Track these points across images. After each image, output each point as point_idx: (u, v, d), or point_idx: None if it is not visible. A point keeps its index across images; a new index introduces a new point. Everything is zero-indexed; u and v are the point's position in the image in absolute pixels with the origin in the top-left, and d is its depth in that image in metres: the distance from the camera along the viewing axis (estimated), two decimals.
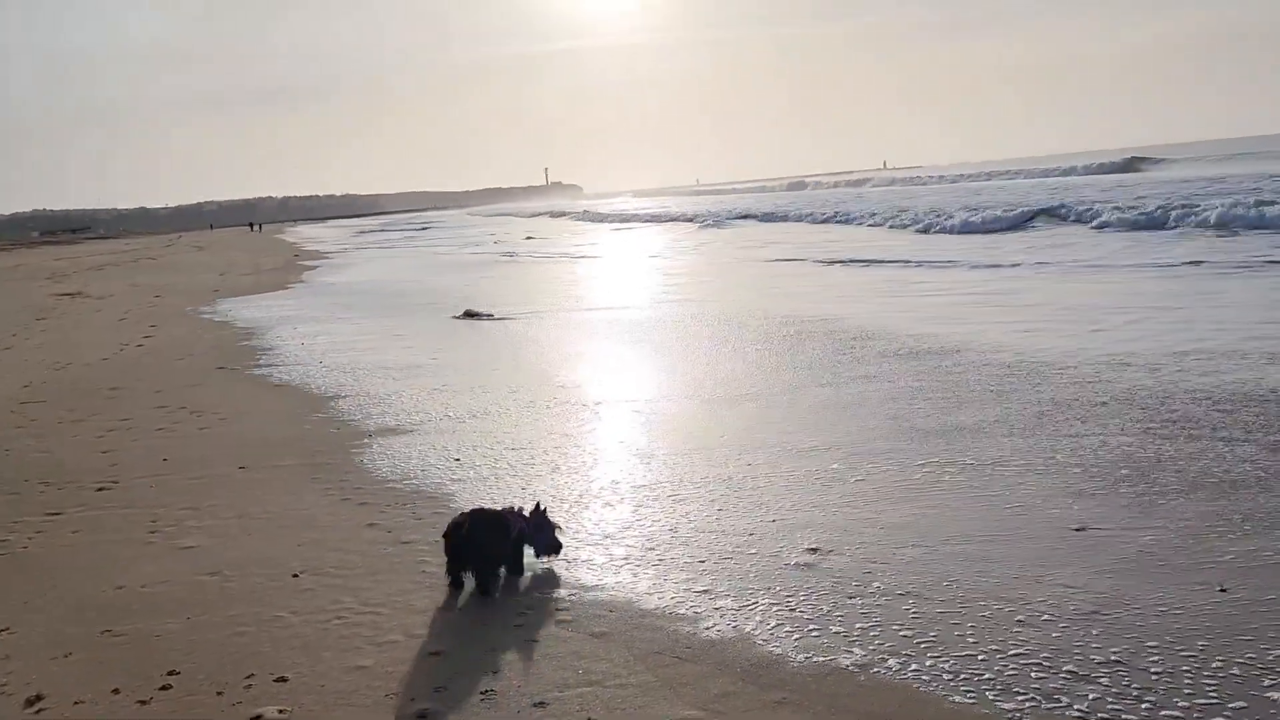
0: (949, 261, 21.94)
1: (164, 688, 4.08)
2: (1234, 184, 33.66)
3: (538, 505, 5.36)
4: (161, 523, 6.37)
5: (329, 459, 7.88)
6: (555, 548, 5.33)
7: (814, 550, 5.34)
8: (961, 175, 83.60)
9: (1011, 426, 7.64)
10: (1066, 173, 68.59)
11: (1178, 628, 4.24)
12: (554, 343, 14.28)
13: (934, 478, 6.51)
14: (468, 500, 6.53)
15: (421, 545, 5.74)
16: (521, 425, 8.70)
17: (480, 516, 5.13)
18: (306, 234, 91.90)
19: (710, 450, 7.52)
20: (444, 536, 5.08)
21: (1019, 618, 4.42)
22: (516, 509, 5.31)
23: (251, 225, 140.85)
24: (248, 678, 4.14)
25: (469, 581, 5.03)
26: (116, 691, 4.06)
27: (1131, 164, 67.53)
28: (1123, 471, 6.37)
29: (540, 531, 5.29)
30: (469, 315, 17.85)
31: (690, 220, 53.74)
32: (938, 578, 4.89)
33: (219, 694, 4.01)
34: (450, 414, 9.32)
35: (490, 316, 17.67)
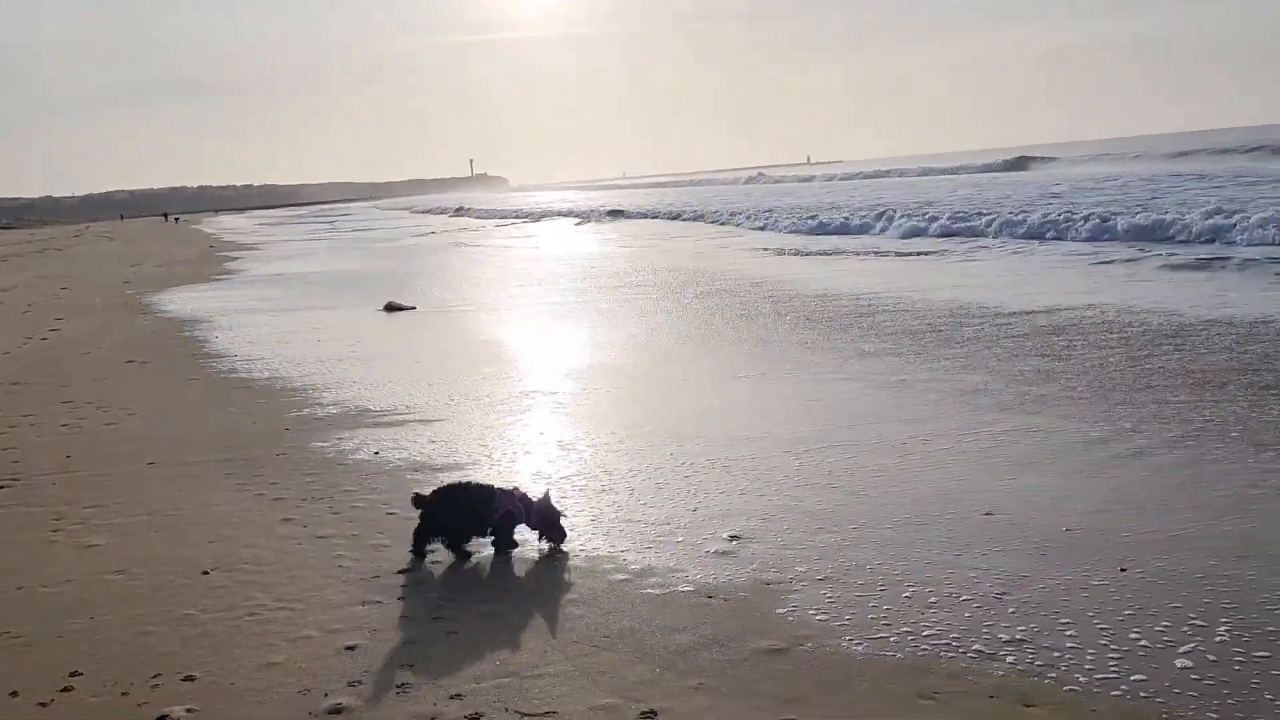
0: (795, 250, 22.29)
1: (66, 689, 3.94)
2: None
3: (546, 493, 5.43)
4: (66, 521, 6.15)
5: (243, 454, 7.70)
6: (556, 533, 5.36)
7: (735, 538, 5.39)
8: (857, 173, 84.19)
9: (927, 416, 7.81)
10: (956, 170, 68.89)
11: (1080, 606, 4.38)
12: (474, 334, 14.17)
13: (854, 465, 6.62)
14: (387, 495, 6.45)
15: (338, 540, 5.65)
16: (445, 418, 8.61)
17: (456, 489, 5.36)
18: (224, 224, 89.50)
19: (634, 440, 7.54)
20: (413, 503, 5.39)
21: (932, 599, 4.53)
22: (517, 491, 5.39)
23: (166, 215, 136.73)
24: (154, 677, 4.03)
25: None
26: (15, 694, 3.91)
27: (1020, 162, 68.30)
28: (1030, 458, 6.57)
29: (541, 516, 5.33)
30: (390, 308, 17.60)
31: (568, 215, 53.63)
32: (854, 562, 4.98)
33: (124, 694, 3.89)
34: (370, 407, 9.18)
35: (413, 309, 17.47)
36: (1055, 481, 6.08)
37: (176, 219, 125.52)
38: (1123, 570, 4.74)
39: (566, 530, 5.40)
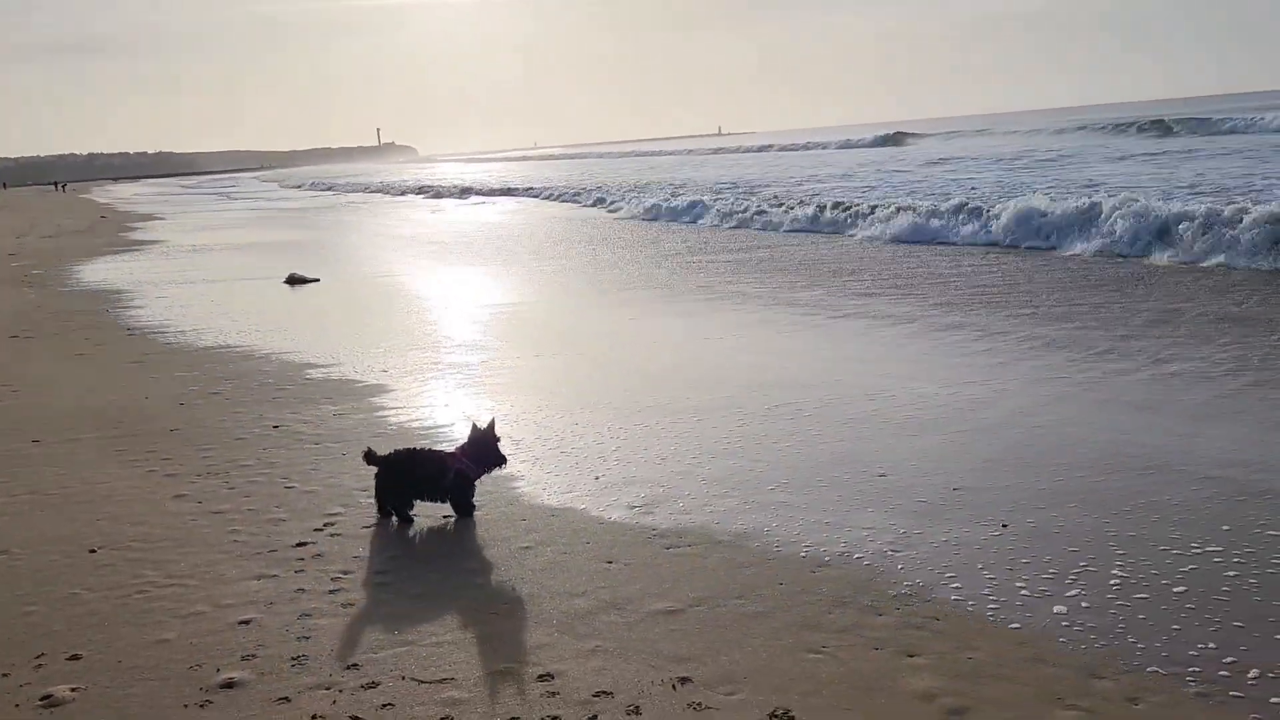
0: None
1: None
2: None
3: (474, 425, 5.52)
4: None
5: (134, 430, 7.47)
6: (495, 457, 5.44)
7: (635, 507, 5.46)
8: (749, 147, 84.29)
9: (820, 382, 8.00)
10: (842, 145, 69.11)
11: (964, 561, 4.56)
12: (373, 305, 13.94)
13: (756, 431, 6.75)
14: (286, 470, 6.35)
15: (233, 515, 5.54)
16: (344, 392, 8.48)
17: (408, 454, 5.41)
18: (117, 193, 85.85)
19: (537, 411, 7.54)
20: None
21: (825, 559, 4.66)
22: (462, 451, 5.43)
23: (55, 184, 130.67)
24: (37, 658, 3.91)
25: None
26: None
27: (896, 138, 69.02)
28: (924, 420, 6.79)
29: (478, 445, 5.39)
30: (293, 281, 17.18)
31: (419, 193, 52.39)
32: (752, 526, 5.09)
33: (4, 675, 3.77)
34: (271, 381, 8.99)
35: (316, 281, 17.09)
36: (943, 443, 6.30)
37: (64, 187, 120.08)
38: (1005, 526, 4.95)
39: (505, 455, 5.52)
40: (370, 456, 5.43)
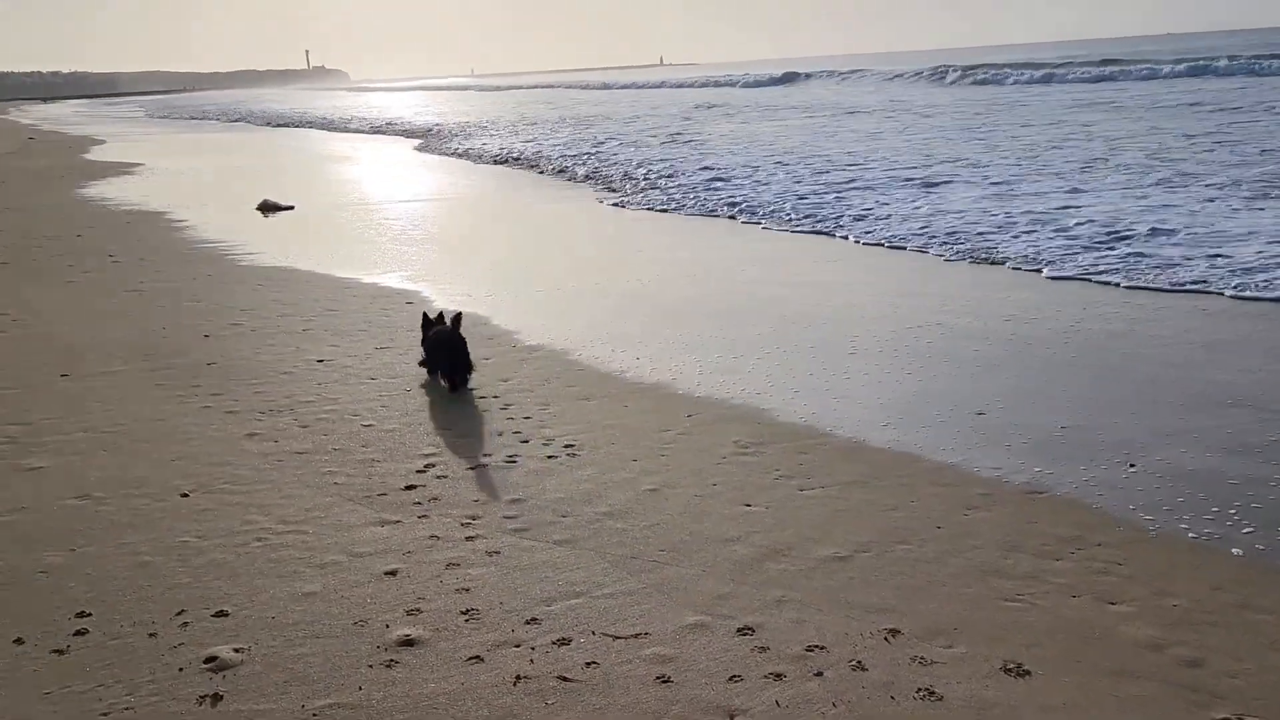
0: None
1: (79, 633, 3.45)
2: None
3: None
4: None
5: (169, 363, 7.01)
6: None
7: (747, 447, 5.24)
8: (663, 82, 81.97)
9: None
10: (731, 84, 66.98)
11: (1114, 502, 4.44)
12: (364, 235, 13.38)
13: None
14: (354, 406, 5.99)
15: (320, 456, 5.19)
16: (380, 325, 8.07)
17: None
18: (39, 113, 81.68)
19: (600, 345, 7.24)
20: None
21: (972, 503, 4.50)
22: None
23: None
24: (178, 614, 3.57)
25: None
26: (20, 641, 3.40)
27: (789, 77, 67.06)
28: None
29: None
30: (266, 208, 16.44)
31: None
32: (876, 468, 4.91)
33: (151, 635, 3.43)
34: (290, 313, 8.53)
35: (290, 209, 16.38)
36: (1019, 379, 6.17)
37: None
38: (1131, 466, 4.84)
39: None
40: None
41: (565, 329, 7.83)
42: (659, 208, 15.13)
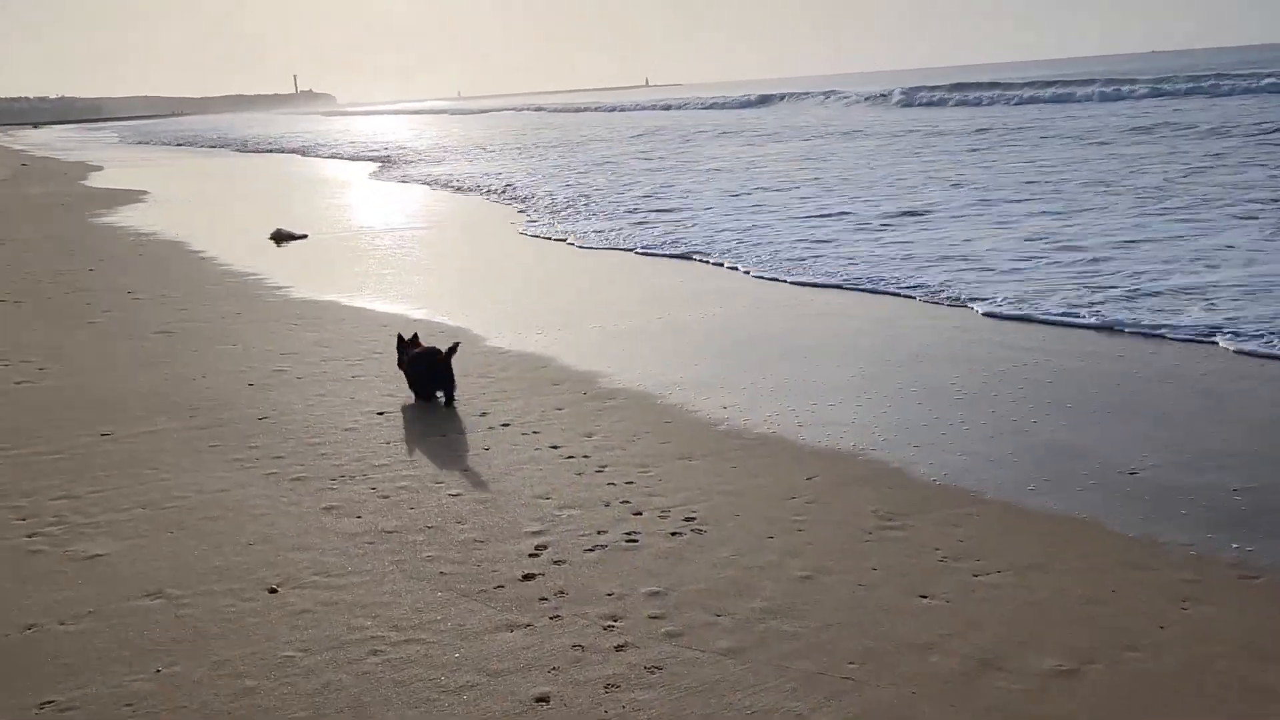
0: None
1: None
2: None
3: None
4: (38, 521, 4.81)
5: (217, 418, 6.39)
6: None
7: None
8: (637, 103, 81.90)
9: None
10: (723, 105, 65.96)
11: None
12: (384, 265, 12.79)
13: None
14: (430, 469, 5.40)
15: (413, 536, 4.58)
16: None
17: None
18: (28, 139, 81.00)
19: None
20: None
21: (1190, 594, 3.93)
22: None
23: None
24: None
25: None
26: None
27: (764, 100, 65.39)
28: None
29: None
30: (279, 237, 15.83)
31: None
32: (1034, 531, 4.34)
33: None
34: (335, 354, 7.93)
35: (304, 238, 15.79)
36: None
37: None
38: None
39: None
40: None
41: (635, 372, 7.27)
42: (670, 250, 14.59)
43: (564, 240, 14.46)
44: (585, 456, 5.60)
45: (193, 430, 6.17)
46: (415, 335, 7.07)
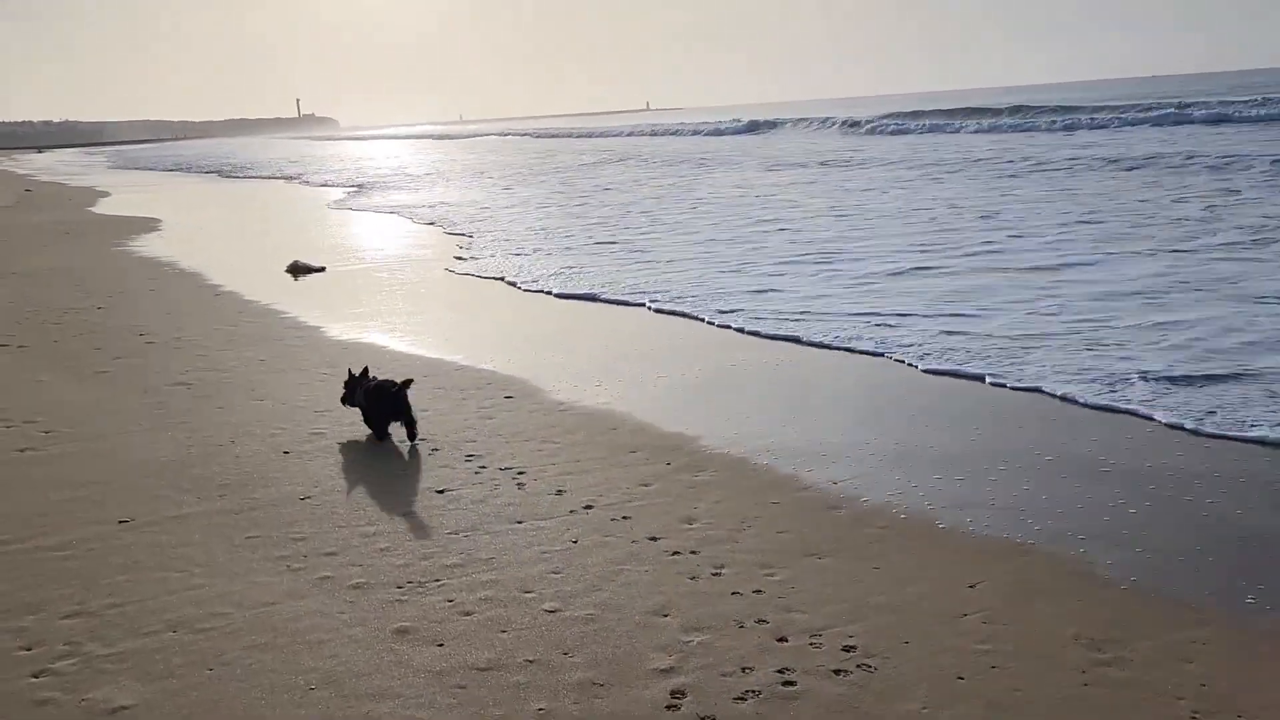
0: None
1: None
2: None
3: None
4: (48, 652, 3.89)
5: (249, 499, 5.50)
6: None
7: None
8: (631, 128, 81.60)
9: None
10: (718, 132, 65.13)
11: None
12: (411, 302, 11.92)
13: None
14: (513, 570, 4.49)
15: (513, 675, 3.67)
16: (485, 430, 6.58)
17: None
18: (32, 164, 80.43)
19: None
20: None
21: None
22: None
23: None
24: None
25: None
26: None
27: (752, 125, 65.07)
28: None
29: None
30: (296, 270, 15.01)
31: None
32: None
33: None
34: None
35: (322, 270, 14.97)
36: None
37: None
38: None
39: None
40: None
41: (720, 434, 6.47)
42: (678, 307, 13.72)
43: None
44: (694, 552, 4.71)
45: (225, 515, 5.27)
46: (365, 369, 6.82)
